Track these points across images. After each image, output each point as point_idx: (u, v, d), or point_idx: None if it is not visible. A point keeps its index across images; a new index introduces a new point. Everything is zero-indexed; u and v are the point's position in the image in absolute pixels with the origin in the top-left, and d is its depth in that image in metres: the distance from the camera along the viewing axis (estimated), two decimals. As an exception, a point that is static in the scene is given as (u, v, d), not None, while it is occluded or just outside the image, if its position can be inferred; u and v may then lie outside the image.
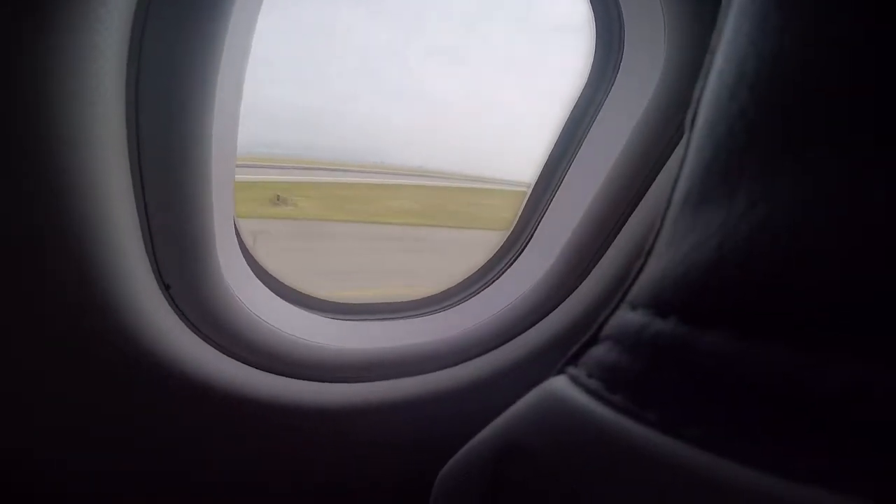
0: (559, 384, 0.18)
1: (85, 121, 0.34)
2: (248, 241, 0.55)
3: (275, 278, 0.57)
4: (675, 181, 0.17)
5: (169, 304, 0.45)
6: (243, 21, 0.44)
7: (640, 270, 0.18)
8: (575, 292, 0.61)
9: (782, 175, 0.13)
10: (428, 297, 0.65)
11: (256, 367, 0.50)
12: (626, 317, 0.17)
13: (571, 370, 0.19)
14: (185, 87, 0.39)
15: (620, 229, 0.59)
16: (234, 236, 0.51)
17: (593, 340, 0.18)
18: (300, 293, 0.58)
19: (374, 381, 0.55)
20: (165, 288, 0.44)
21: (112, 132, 0.37)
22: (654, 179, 0.56)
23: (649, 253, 0.18)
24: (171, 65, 0.38)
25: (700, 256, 0.15)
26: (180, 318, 0.46)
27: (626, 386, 0.16)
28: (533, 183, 0.65)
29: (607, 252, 0.60)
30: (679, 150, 0.53)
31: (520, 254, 0.66)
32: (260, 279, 0.55)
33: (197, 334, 0.47)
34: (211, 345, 0.48)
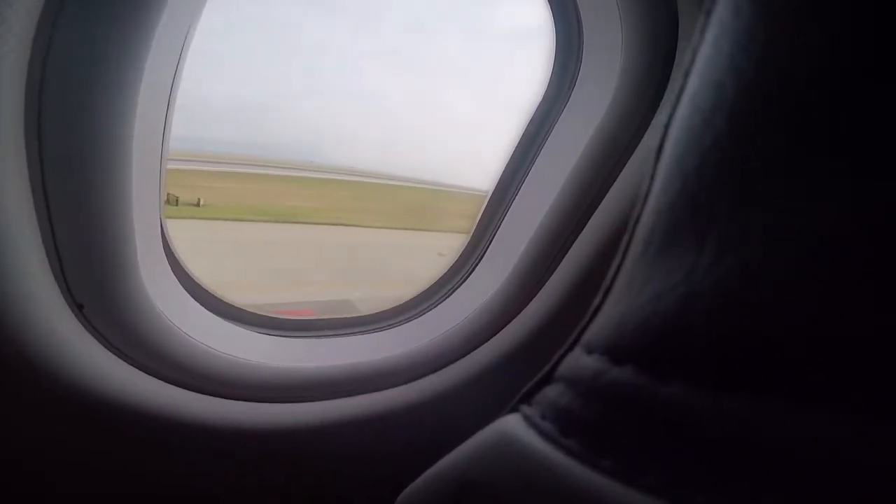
0: (514, 423, 0.18)
1: None
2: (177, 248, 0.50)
3: (209, 293, 0.52)
4: (638, 217, 0.16)
5: (83, 324, 0.40)
6: (179, 18, 0.39)
7: (598, 310, 0.17)
8: (528, 307, 0.61)
9: (758, 219, 0.13)
10: (378, 314, 0.62)
11: (190, 390, 0.46)
12: (581, 360, 0.17)
13: (525, 409, 0.18)
14: (101, 82, 0.34)
15: (574, 241, 0.59)
16: (161, 244, 0.46)
17: (547, 379, 0.18)
18: (239, 309, 0.54)
19: (322, 399, 0.53)
20: (78, 308, 0.39)
21: (5, 128, 0.32)
22: (607, 192, 0.57)
23: (607, 292, 0.17)
24: (83, 57, 0.34)
25: (662, 306, 0.14)
26: (98, 340, 0.41)
27: (580, 431, 0.15)
28: (488, 194, 0.64)
29: (561, 265, 0.60)
30: (632, 166, 0.55)
31: (473, 269, 0.65)
32: (191, 294, 0.50)
33: (119, 356, 0.42)
34: (136, 367, 0.43)
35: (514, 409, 0.19)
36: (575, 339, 0.18)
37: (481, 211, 0.65)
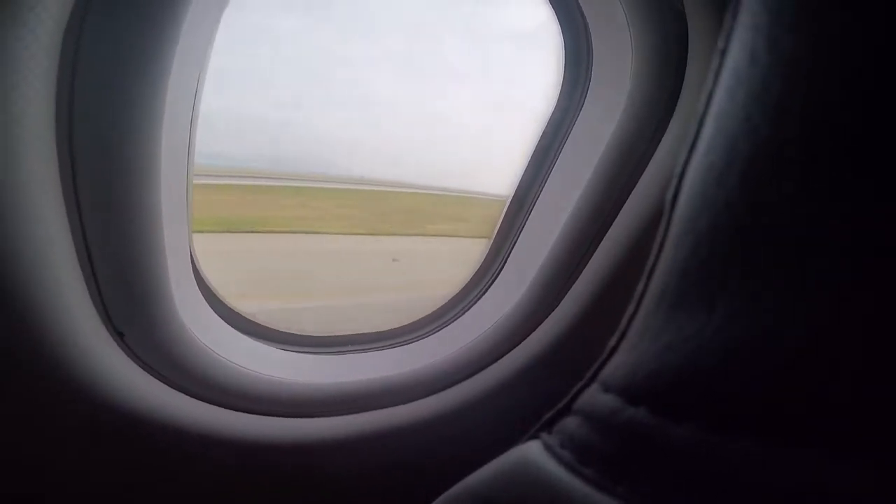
0: (533, 450, 0.19)
1: (9, 147, 0.31)
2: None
3: (234, 311, 0.53)
4: (652, 268, 0.17)
5: (124, 351, 0.42)
6: (201, 29, 0.40)
7: (614, 350, 0.18)
8: (546, 321, 0.61)
9: (768, 287, 0.13)
10: (398, 329, 0.63)
11: (220, 405, 0.47)
12: (598, 397, 0.17)
13: (545, 437, 0.19)
14: (130, 106, 0.35)
15: (595, 251, 0.59)
16: (190, 268, 0.47)
17: (566, 410, 0.19)
18: (263, 326, 0.55)
19: (343, 415, 0.53)
20: (119, 336, 0.41)
21: (42, 163, 0.33)
22: (625, 200, 0.57)
23: (623, 335, 0.18)
24: (111, 81, 0.35)
25: (674, 357, 0.15)
26: (136, 363, 0.43)
27: (598, 462, 0.16)
28: (506, 205, 0.65)
29: (579, 278, 0.59)
30: (648, 175, 0.56)
31: (492, 282, 0.65)
32: (217, 311, 0.50)
33: (155, 376, 0.44)
34: (172, 386, 0.45)
35: (535, 437, 0.20)
36: (592, 376, 0.18)
37: (499, 222, 0.65)
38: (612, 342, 0.18)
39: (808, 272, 0.12)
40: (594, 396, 0.18)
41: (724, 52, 0.15)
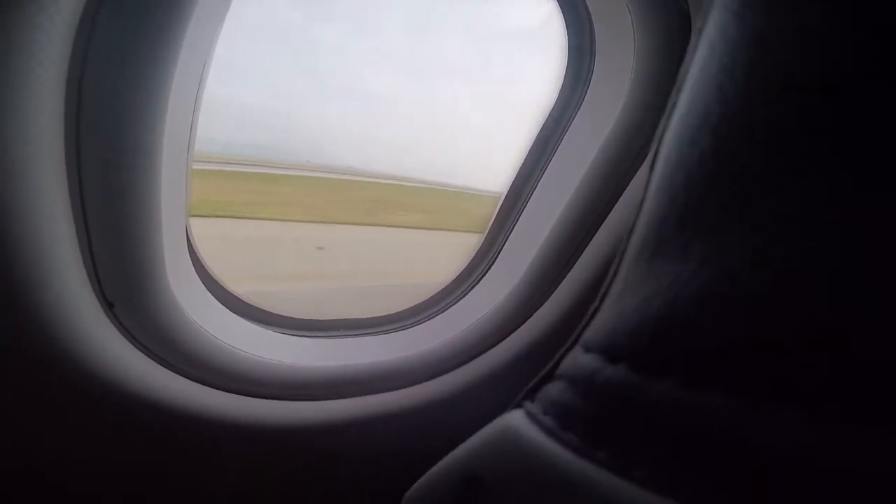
0: (516, 419, 0.19)
1: (17, 117, 0.31)
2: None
3: (230, 293, 0.53)
4: (633, 225, 0.17)
5: (113, 322, 0.41)
6: (208, 21, 0.41)
7: (596, 311, 0.18)
8: (540, 309, 0.61)
9: (736, 232, 0.13)
10: (394, 314, 0.63)
11: (213, 387, 0.47)
12: (580, 359, 0.18)
13: (528, 405, 0.19)
14: (134, 83, 0.36)
15: (588, 244, 0.59)
16: (186, 249, 0.47)
17: (549, 377, 0.19)
18: (258, 309, 0.56)
19: (337, 398, 0.54)
20: (109, 307, 0.41)
21: (47, 132, 0.34)
22: (620, 194, 0.57)
23: (605, 296, 0.18)
24: (119, 62, 0.35)
25: (651, 309, 0.15)
26: (125, 337, 0.43)
27: (578, 426, 0.17)
28: (502, 196, 0.65)
29: (573, 268, 0.60)
30: (645, 170, 0.55)
31: (487, 271, 0.66)
32: (213, 294, 0.51)
33: (144, 352, 0.44)
34: (162, 364, 0.45)
35: (518, 406, 0.20)
36: (575, 339, 0.19)
37: (495, 213, 0.65)
38: (595, 303, 0.18)
39: (771, 217, 0.13)
40: (576, 359, 0.18)
41: (701, 31, 0.16)
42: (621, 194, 0.57)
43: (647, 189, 0.17)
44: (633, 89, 0.54)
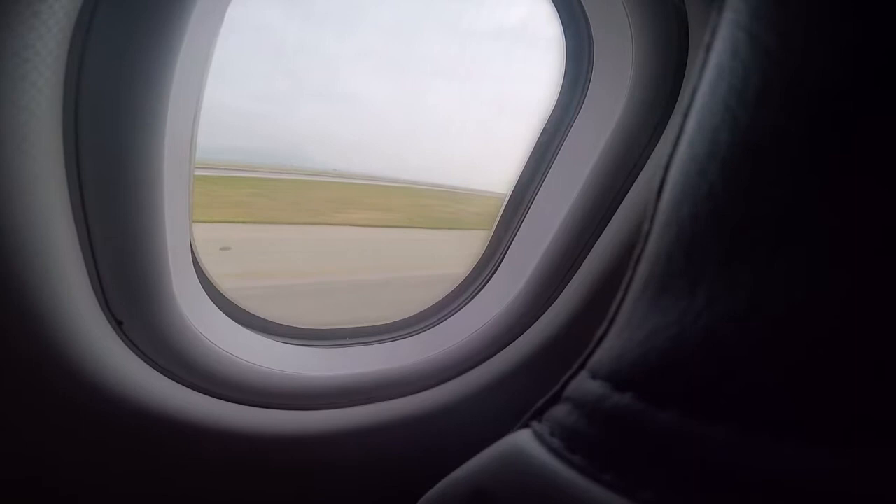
0: (524, 438, 0.20)
1: (16, 133, 0.31)
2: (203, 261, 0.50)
3: (234, 304, 0.53)
4: (639, 255, 0.17)
5: (122, 339, 0.42)
6: (206, 25, 0.41)
7: (602, 338, 0.18)
8: (542, 317, 0.61)
9: (747, 271, 0.13)
10: (396, 322, 0.63)
11: (219, 398, 0.48)
12: (587, 384, 0.18)
13: (536, 426, 0.20)
14: (135, 94, 0.36)
15: (591, 248, 0.59)
16: (190, 260, 0.47)
17: (556, 399, 0.20)
18: (262, 319, 0.56)
19: (341, 408, 0.54)
20: (117, 324, 0.41)
21: (47, 149, 0.34)
22: (623, 199, 0.57)
23: (611, 322, 0.18)
24: (118, 73, 0.35)
25: (658, 342, 0.15)
26: (134, 353, 0.43)
27: (585, 448, 0.17)
28: (504, 203, 0.65)
29: (575, 276, 0.60)
30: (647, 173, 0.56)
31: (490, 278, 0.66)
32: (217, 305, 0.51)
33: (153, 367, 0.44)
34: (170, 377, 0.45)
35: (525, 425, 0.20)
36: (581, 364, 0.19)
37: (497, 219, 0.65)
38: (602, 330, 0.18)
39: (783, 255, 0.13)
40: (583, 383, 0.18)
41: (709, 48, 0.16)
42: (622, 200, 0.57)
43: (654, 219, 0.17)
44: (632, 90, 0.54)
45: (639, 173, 0.56)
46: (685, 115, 0.16)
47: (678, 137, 0.16)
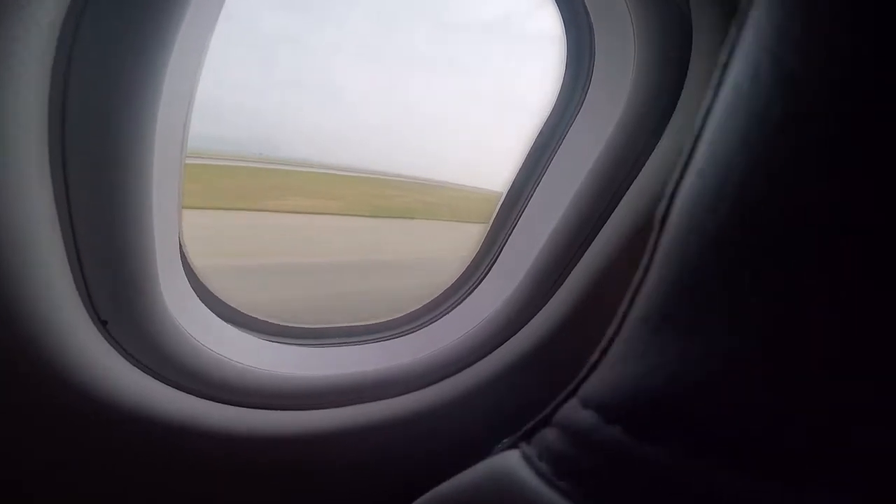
0: (513, 460, 0.20)
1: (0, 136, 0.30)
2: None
3: (222, 302, 0.52)
4: (639, 286, 0.17)
5: (107, 339, 0.41)
6: (202, 17, 0.40)
7: (595, 367, 0.18)
8: (535, 318, 0.61)
9: (751, 312, 0.13)
10: (388, 322, 0.63)
11: (207, 399, 0.47)
12: (577, 413, 0.18)
13: (525, 448, 0.20)
14: (126, 89, 0.34)
15: (586, 251, 0.59)
16: (178, 258, 0.46)
17: (545, 422, 0.19)
18: (252, 318, 0.55)
19: (331, 408, 0.53)
20: (102, 324, 0.40)
21: (31, 140, 0.33)
22: (619, 202, 0.57)
23: (604, 352, 0.18)
24: (109, 68, 0.34)
25: (653, 380, 0.15)
26: (120, 353, 0.42)
27: (573, 475, 0.17)
28: (497, 206, 0.65)
29: (568, 279, 0.60)
30: (643, 178, 0.56)
31: (483, 277, 0.66)
32: (206, 303, 0.50)
33: (139, 367, 0.43)
34: (155, 377, 0.44)
35: (514, 446, 0.20)
36: (573, 390, 0.19)
37: (492, 218, 0.65)
38: (594, 357, 0.18)
39: (792, 306, 0.12)
40: (573, 411, 0.18)
41: (725, 66, 0.15)
42: (618, 204, 0.57)
43: (656, 251, 0.16)
44: (632, 92, 0.53)
45: (634, 179, 0.56)
46: (696, 140, 0.15)
47: (686, 164, 0.15)
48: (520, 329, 0.61)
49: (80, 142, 0.35)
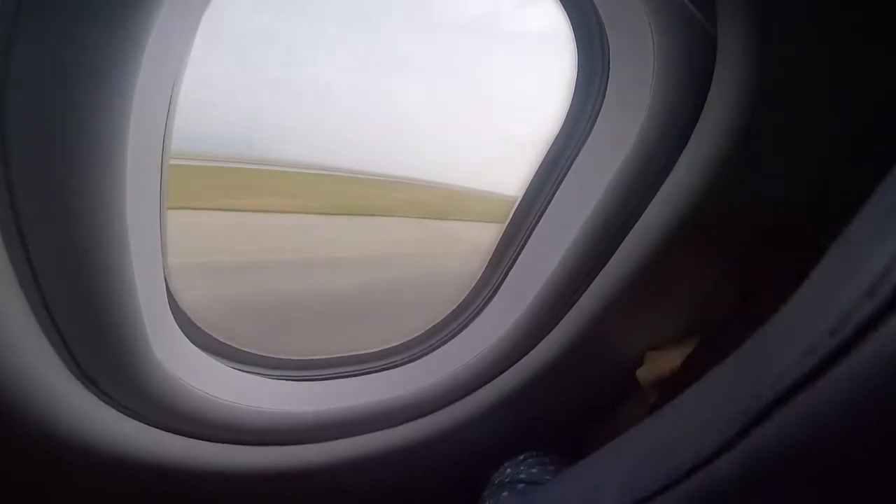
0: None
1: None
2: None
3: (212, 337, 0.51)
4: None
5: (96, 394, 0.39)
6: (176, 32, 0.34)
7: None
8: (528, 355, 0.60)
9: None
10: (382, 351, 0.61)
11: (205, 440, 0.46)
12: None
13: None
14: (86, 104, 0.29)
15: (594, 278, 0.56)
16: (165, 298, 0.42)
17: None
18: (244, 352, 0.53)
19: (325, 441, 0.53)
20: (91, 382, 0.38)
21: None
22: (629, 231, 0.55)
23: None
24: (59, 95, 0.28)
25: None
26: (109, 405, 0.40)
27: None
28: (502, 231, 0.62)
29: (571, 311, 0.57)
30: (655, 206, 0.54)
31: (484, 307, 0.63)
32: (195, 342, 0.48)
33: (136, 418, 0.42)
34: (152, 425, 0.43)
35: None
36: None
37: (496, 241, 0.62)
38: None
39: None
40: None
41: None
42: (631, 229, 0.55)
43: None
44: (648, 117, 0.51)
45: (647, 206, 0.54)
46: None
47: None
48: (513, 365, 0.60)
49: (29, 186, 0.29)
